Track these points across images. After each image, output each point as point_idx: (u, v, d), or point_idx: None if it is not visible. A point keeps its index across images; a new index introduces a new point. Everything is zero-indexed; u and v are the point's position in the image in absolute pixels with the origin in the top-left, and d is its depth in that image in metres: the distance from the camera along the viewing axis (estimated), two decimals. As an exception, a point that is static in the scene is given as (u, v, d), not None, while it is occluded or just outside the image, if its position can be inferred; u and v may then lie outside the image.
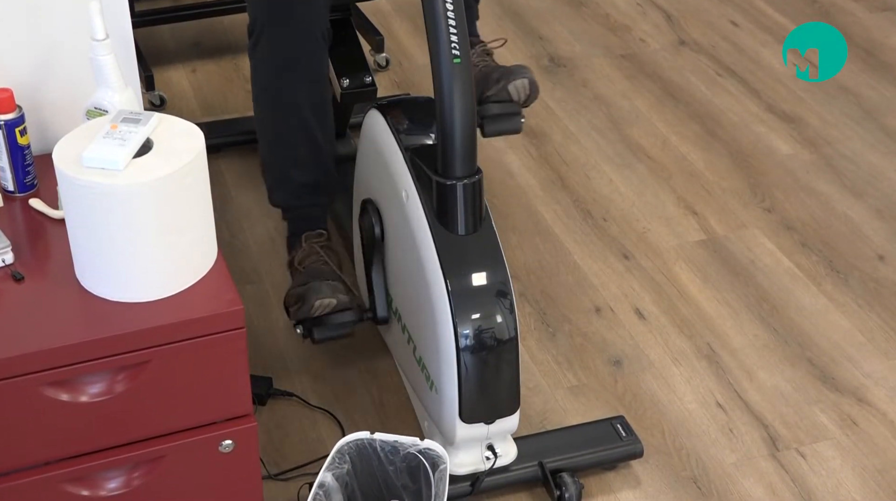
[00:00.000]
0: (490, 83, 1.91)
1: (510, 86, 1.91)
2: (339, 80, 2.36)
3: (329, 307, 1.96)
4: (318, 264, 2.05)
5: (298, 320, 2.00)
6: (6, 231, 1.58)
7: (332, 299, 1.96)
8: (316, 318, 1.98)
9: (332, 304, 1.96)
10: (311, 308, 1.95)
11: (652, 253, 2.45)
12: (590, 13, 3.38)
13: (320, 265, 2.05)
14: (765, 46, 3.21)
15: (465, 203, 1.78)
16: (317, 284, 1.98)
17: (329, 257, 2.07)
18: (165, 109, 2.86)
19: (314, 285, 1.98)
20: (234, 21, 3.23)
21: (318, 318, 1.98)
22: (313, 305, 1.95)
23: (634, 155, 2.76)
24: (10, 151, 1.65)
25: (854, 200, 2.62)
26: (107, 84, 1.61)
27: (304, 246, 2.10)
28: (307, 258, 2.08)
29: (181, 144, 1.48)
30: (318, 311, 1.96)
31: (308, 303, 1.96)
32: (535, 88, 1.95)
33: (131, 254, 1.46)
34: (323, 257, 2.07)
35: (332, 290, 1.98)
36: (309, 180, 2.12)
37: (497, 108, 1.89)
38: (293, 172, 2.11)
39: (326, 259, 2.06)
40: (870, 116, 2.92)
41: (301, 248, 2.10)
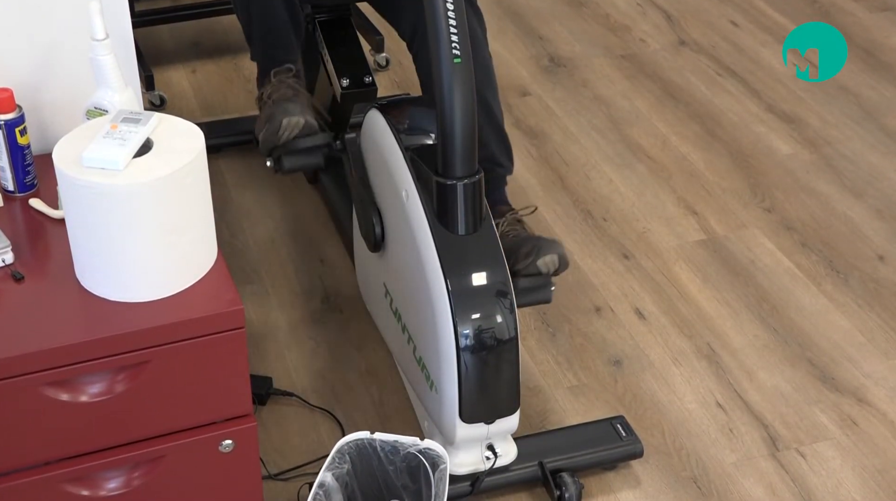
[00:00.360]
0: (520, 257, 1.90)
1: (539, 262, 1.90)
2: (339, 79, 2.35)
3: (297, 127, 1.93)
4: (288, 93, 2.03)
5: (267, 149, 1.97)
6: (6, 231, 1.58)
7: (300, 118, 1.93)
8: (285, 145, 1.95)
9: (300, 123, 1.93)
10: (279, 128, 1.92)
11: (652, 253, 2.45)
12: (590, 13, 3.38)
13: (290, 94, 2.03)
14: (765, 46, 3.21)
15: (465, 203, 1.78)
16: (284, 104, 1.96)
17: (298, 87, 2.05)
18: (165, 109, 2.86)
19: (282, 106, 1.95)
20: (233, 21, 3.23)
21: (286, 145, 1.95)
22: (280, 123, 1.92)
23: (634, 155, 2.76)
24: (10, 150, 1.65)
25: (854, 200, 2.62)
26: (107, 84, 1.61)
27: (273, 80, 2.08)
28: (276, 91, 2.05)
29: (181, 144, 1.48)
30: (286, 132, 1.93)
31: (275, 122, 1.93)
32: (565, 262, 1.93)
33: (131, 254, 1.46)
34: (293, 88, 2.04)
35: (300, 110, 1.95)
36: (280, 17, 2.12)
37: (527, 282, 1.89)
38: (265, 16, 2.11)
39: (296, 89, 2.04)
40: (870, 116, 2.92)
41: (270, 83, 2.08)
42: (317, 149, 1.98)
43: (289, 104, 1.96)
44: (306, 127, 1.95)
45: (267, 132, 1.95)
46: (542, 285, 1.95)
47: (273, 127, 1.93)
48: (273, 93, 2.06)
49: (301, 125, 1.94)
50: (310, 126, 1.95)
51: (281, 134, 1.93)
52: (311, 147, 1.98)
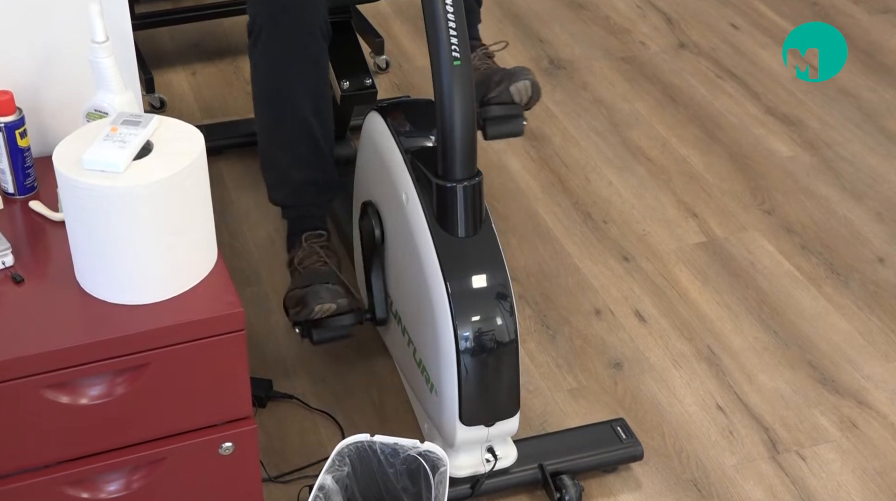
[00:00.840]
0: (492, 86, 1.90)
1: (512, 87, 1.90)
2: (339, 82, 2.36)
3: (329, 312, 1.96)
4: (318, 265, 2.05)
5: (296, 320, 2.00)
6: (6, 233, 1.58)
7: (332, 304, 1.96)
8: (315, 320, 1.98)
9: (331, 309, 1.96)
10: (311, 313, 1.95)
11: (652, 255, 2.45)
12: (590, 16, 3.38)
13: (320, 266, 2.05)
14: (765, 49, 3.21)
15: (465, 205, 1.78)
16: (317, 288, 1.98)
17: (329, 257, 2.07)
18: (165, 111, 2.86)
19: (314, 289, 1.98)
20: (233, 23, 3.24)
21: (317, 320, 1.98)
22: (313, 309, 1.95)
23: (634, 157, 2.76)
24: (10, 153, 1.65)
25: (854, 202, 2.62)
26: (107, 86, 1.61)
27: (304, 246, 2.09)
28: (307, 259, 2.07)
29: (181, 146, 1.48)
30: (317, 315, 1.96)
31: (308, 308, 1.96)
32: (538, 89, 1.95)
33: (131, 256, 1.46)
34: (323, 258, 2.06)
35: (332, 295, 1.97)
36: (308, 179, 2.12)
37: (499, 110, 1.88)
38: (293, 171, 2.11)
39: (326, 260, 2.06)
40: (870, 118, 2.92)
41: (301, 248, 2.09)
42: (347, 325, 2.00)
43: (321, 289, 1.97)
44: (338, 310, 1.96)
45: (298, 315, 1.98)
46: (514, 116, 1.93)
47: (306, 311, 1.95)
48: (304, 260, 2.07)
49: (333, 310, 1.96)
50: (341, 308, 1.97)
51: (313, 317, 1.96)
52: (341, 324, 2.00)
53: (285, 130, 2.07)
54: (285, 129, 2.07)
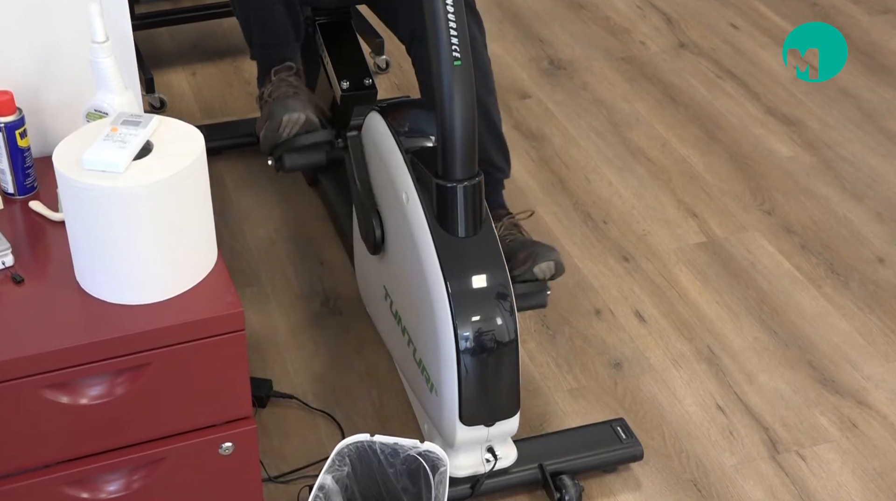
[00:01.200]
0: (517, 263, 1.90)
1: (536, 268, 1.92)
2: (339, 82, 2.36)
3: (298, 124, 1.91)
4: (289, 92, 2.01)
5: (269, 146, 1.95)
6: (6, 234, 1.58)
7: (301, 114, 1.91)
8: (286, 143, 1.92)
9: (300, 119, 1.91)
10: (280, 125, 1.90)
11: (652, 256, 2.45)
12: (590, 16, 3.38)
13: (291, 92, 2.01)
14: (765, 49, 3.21)
15: (465, 205, 1.78)
16: (285, 101, 1.93)
17: (299, 85, 2.03)
18: (165, 111, 2.86)
19: (282, 102, 1.93)
20: (233, 24, 3.23)
21: (287, 143, 1.92)
22: (281, 120, 1.89)
23: (634, 158, 2.76)
24: (10, 153, 1.65)
25: (854, 202, 2.62)
26: (107, 87, 1.61)
27: (274, 79, 2.06)
28: (277, 90, 2.03)
29: (181, 146, 1.48)
30: (287, 128, 1.90)
31: (276, 119, 1.90)
32: (561, 268, 1.94)
33: (131, 256, 1.46)
34: (294, 86, 2.02)
35: (301, 107, 1.92)
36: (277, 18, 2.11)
37: (523, 288, 1.90)
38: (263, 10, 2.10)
39: (297, 88, 2.02)
40: (870, 118, 2.92)
41: (270, 82, 2.07)
42: (319, 146, 1.96)
43: (289, 101, 1.95)
44: (307, 123, 1.93)
45: (267, 130, 1.93)
46: (537, 291, 1.95)
47: (273, 124, 1.91)
48: (274, 91, 2.05)
49: (302, 121, 1.92)
50: (311, 122, 1.93)
51: (282, 131, 1.91)
52: (312, 144, 1.96)
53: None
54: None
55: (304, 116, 1.92)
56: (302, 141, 1.94)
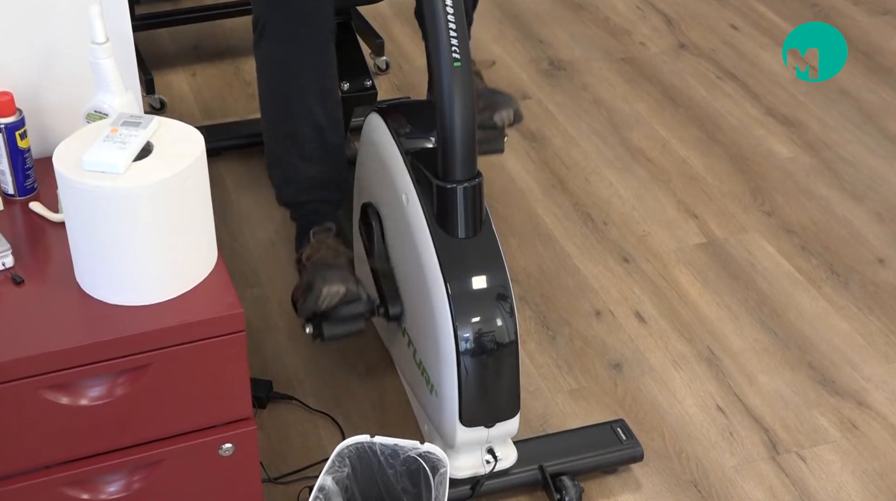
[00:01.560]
0: (477, 111, 1.91)
1: (496, 116, 1.95)
2: (339, 83, 2.36)
3: (338, 296, 1.88)
4: (328, 257, 1.98)
5: (306, 316, 1.93)
6: (6, 235, 1.58)
7: (341, 286, 1.88)
8: (324, 313, 1.90)
9: (340, 292, 1.88)
10: (319, 297, 1.87)
11: (652, 256, 2.45)
12: (590, 17, 3.38)
13: (329, 257, 1.98)
14: (765, 50, 3.22)
15: (465, 207, 1.78)
16: (325, 272, 1.91)
17: (339, 248, 2.01)
18: (165, 112, 2.87)
19: (322, 274, 1.90)
20: (234, 24, 3.24)
21: (326, 313, 1.90)
22: (321, 292, 1.87)
23: (634, 159, 2.76)
24: (11, 154, 1.65)
25: (854, 203, 2.62)
26: (107, 88, 1.61)
27: (313, 241, 2.03)
28: (316, 253, 2.00)
29: (181, 147, 1.48)
30: (327, 301, 1.87)
31: (315, 291, 1.87)
32: (520, 116, 2.01)
33: (131, 257, 1.46)
34: (333, 250, 2.00)
35: (341, 278, 1.89)
36: (317, 175, 2.08)
37: (483, 134, 1.91)
38: (301, 168, 2.07)
39: (337, 251, 1.99)
40: (870, 119, 2.92)
41: (309, 244, 2.03)
42: (359, 316, 1.93)
43: (328, 272, 1.91)
44: (347, 295, 1.89)
45: (306, 301, 1.90)
46: (495, 137, 1.97)
47: (313, 296, 1.87)
48: (312, 254, 2.00)
49: (342, 294, 1.88)
50: (351, 294, 1.89)
51: (321, 303, 1.88)
52: (352, 315, 1.93)
53: (292, 128, 2.04)
54: (292, 126, 2.04)
55: (343, 288, 1.89)
56: (342, 313, 1.91)
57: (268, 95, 2.06)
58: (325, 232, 2.06)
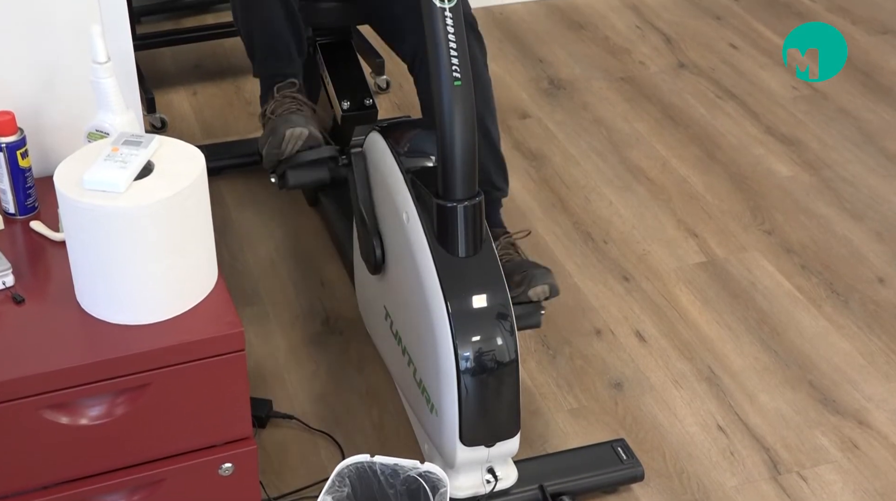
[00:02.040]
0: (511, 285, 1.89)
1: (530, 292, 1.93)
2: (339, 102, 2.36)
3: (301, 138, 1.89)
4: (292, 108, 1.99)
5: (271, 164, 1.93)
6: (7, 254, 1.58)
7: (304, 129, 1.89)
8: (289, 159, 1.90)
9: (303, 134, 1.88)
10: (283, 140, 1.88)
11: (652, 275, 2.45)
12: (589, 36, 3.39)
13: (294, 108, 1.99)
14: (764, 69, 3.22)
15: (465, 225, 1.78)
16: (287, 116, 1.92)
17: (302, 100, 2.02)
18: (166, 131, 2.87)
19: (285, 118, 1.91)
20: (234, 44, 3.25)
21: (291, 159, 1.90)
22: (284, 135, 1.87)
23: (634, 177, 2.76)
24: (12, 173, 1.66)
25: (854, 222, 2.62)
26: (108, 107, 1.61)
27: (276, 96, 2.05)
28: (280, 107, 2.02)
29: (182, 166, 1.49)
30: (290, 144, 1.88)
31: (278, 134, 1.88)
32: (556, 291, 1.96)
33: (132, 276, 1.46)
34: (297, 102, 2.01)
35: (304, 121, 1.90)
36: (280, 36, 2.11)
37: (518, 309, 1.91)
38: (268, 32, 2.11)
39: (300, 103, 2.01)
40: (869, 139, 2.92)
41: (273, 98, 2.06)
42: (322, 162, 1.93)
43: (292, 116, 1.94)
44: (310, 138, 1.91)
45: (270, 146, 1.91)
46: (532, 312, 1.96)
47: (276, 140, 1.89)
48: (276, 108, 2.04)
49: (305, 136, 1.90)
50: (314, 138, 1.91)
51: (285, 146, 1.89)
52: (315, 160, 1.93)
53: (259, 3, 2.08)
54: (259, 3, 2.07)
55: (307, 131, 1.91)
56: (305, 157, 1.93)
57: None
58: (289, 86, 2.08)
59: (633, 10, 3.54)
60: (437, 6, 1.72)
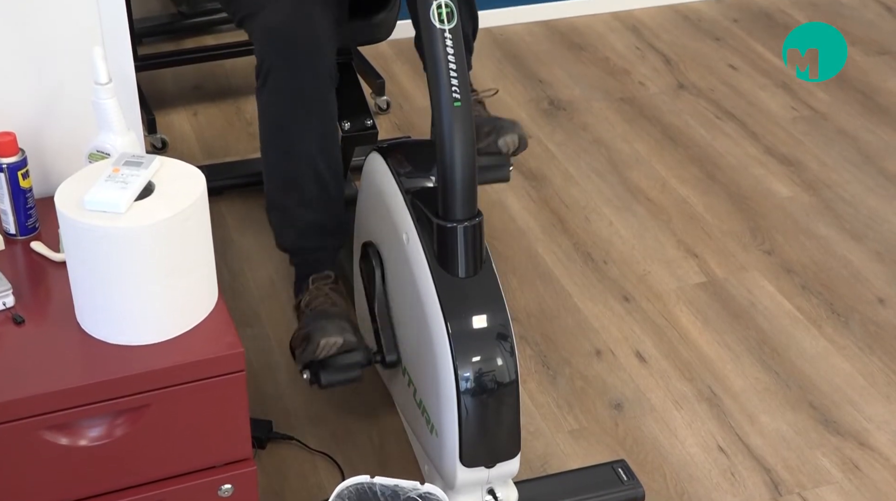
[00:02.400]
0: (481, 136, 1.93)
1: (500, 141, 1.95)
2: (340, 123, 2.37)
3: (335, 347, 1.91)
4: (326, 306, 2.01)
5: (304, 363, 1.96)
6: (7, 274, 1.58)
7: (339, 337, 1.91)
8: (322, 361, 1.94)
9: (337, 343, 1.91)
10: (317, 348, 1.91)
11: (652, 296, 2.45)
12: (589, 57, 3.40)
13: (328, 306, 2.01)
14: (763, 90, 3.23)
15: (465, 246, 1.78)
16: (322, 322, 1.94)
17: (337, 298, 2.04)
18: (167, 151, 2.88)
19: (320, 324, 1.94)
20: (235, 65, 3.26)
21: (324, 361, 1.93)
22: (318, 344, 1.91)
23: (634, 198, 2.77)
24: (13, 194, 1.66)
25: (854, 243, 2.62)
26: (109, 127, 1.62)
27: (311, 288, 2.05)
28: (314, 300, 2.03)
29: (182, 186, 1.49)
30: (324, 351, 1.91)
31: (313, 343, 1.91)
32: (524, 142, 1.99)
33: (132, 297, 1.46)
34: (331, 299, 2.02)
35: (338, 329, 1.93)
36: (317, 221, 2.09)
37: (486, 160, 1.91)
38: (301, 213, 2.09)
39: (334, 300, 2.02)
40: (868, 159, 2.93)
41: (308, 291, 2.06)
42: (355, 365, 1.96)
43: (327, 323, 1.94)
44: (345, 346, 1.93)
45: (303, 352, 1.94)
46: (500, 164, 1.96)
47: (311, 348, 1.92)
48: (311, 301, 2.03)
49: (339, 345, 1.92)
50: (348, 344, 1.93)
51: (318, 354, 1.91)
52: (349, 364, 1.96)
53: (293, 173, 2.05)
54: (293, 171, 2.05)
55: (341, 340, 1.92)
56: (339, 361, 1.94)
57: (269, 139, 2.07)
58: (324, 279, 2.07)
59: (632, 31, 3.55)
60: (437, 28, 1.73)
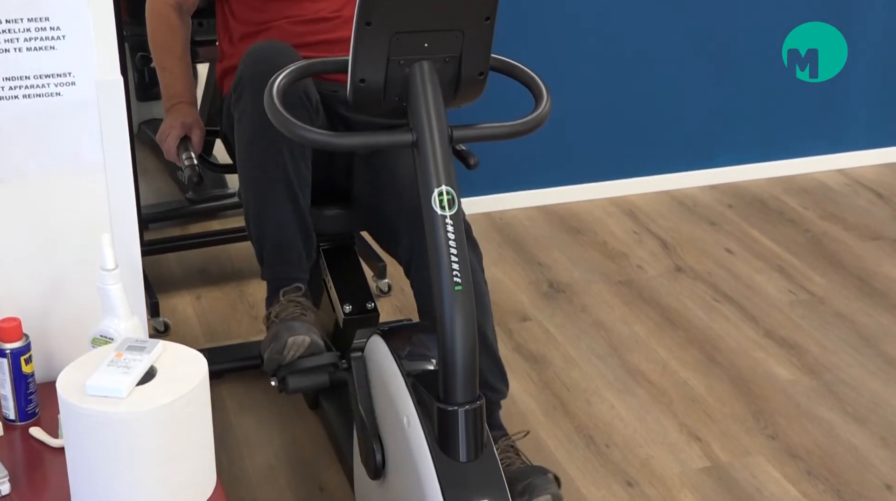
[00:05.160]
0: (514, 494, 1.91)
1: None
2: (341, 306, 2.39)
3: (303, 346, 1.91)
4: (296, 313, 2.02)
5: (272, 369, 1.95)
6: (4, 461, 1.57)
7: (306, 337, 1.92)
8: (289, 365, 1.92)
9: (305, 342, 1.91)
10: (285, 347, 1.90)
11: (656, 480, 2.42)
12: (587, 241, 3.46)
13: (297, 314, 2.02)
14: (759, 273, 3.27)
15: (466, 429, 1.78)
16: (290, 323, 1.95)
17: (305, 308, 2.05)
18: (169, 335, 2.89)
19: (287, 325, 1.94)
20: (239, 249, 3.31)
21: (291, 364, 1.93)
22: (286, 342, 1.90)
23: (635, 380, 2.76)
24: (14, 379, 1.66)
25: (857, 427, 2.60)
26: (113, 312, 1.64)
27: (282, 300, 2.08)
28: (283, 311, 2.04)
29: (184, 371, 1.49)
30: (291, 351, 1.90)
31: (281, 340, 1.91)
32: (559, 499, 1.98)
33: (130, 483, 1.44)
34: (302, 306, 2.04)
35: (306, 330, 1.94)
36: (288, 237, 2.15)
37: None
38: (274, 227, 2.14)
39: (304, 310, 2.03)
40: (868, 343, 2.94)
41: (279, 302, 2.08)
42: (322, 368, 1.98)
43: (295, 323, 1.98)
44: (312, 346, 1.95)
45: (272, 351, 1.96)
46: None
47: (278, 346, 1.94)
48: (281, 312, 2.08)
49: (307, 344, 1.95)
50: (315, 345, 1.96)
51: (286, 353, 1.93)
52: (316, 367, 1.98)
53: (267, 180, 2.11)
54: (267, 178, 2.11)
55: (308, 339, 1.96)
56: (305, 363, 1.97)
57: (244, 145, 2.13)
58: (294, 291, 2.11)
59: (629, 215, 3.62)
60: (438, 214, 1.77)
